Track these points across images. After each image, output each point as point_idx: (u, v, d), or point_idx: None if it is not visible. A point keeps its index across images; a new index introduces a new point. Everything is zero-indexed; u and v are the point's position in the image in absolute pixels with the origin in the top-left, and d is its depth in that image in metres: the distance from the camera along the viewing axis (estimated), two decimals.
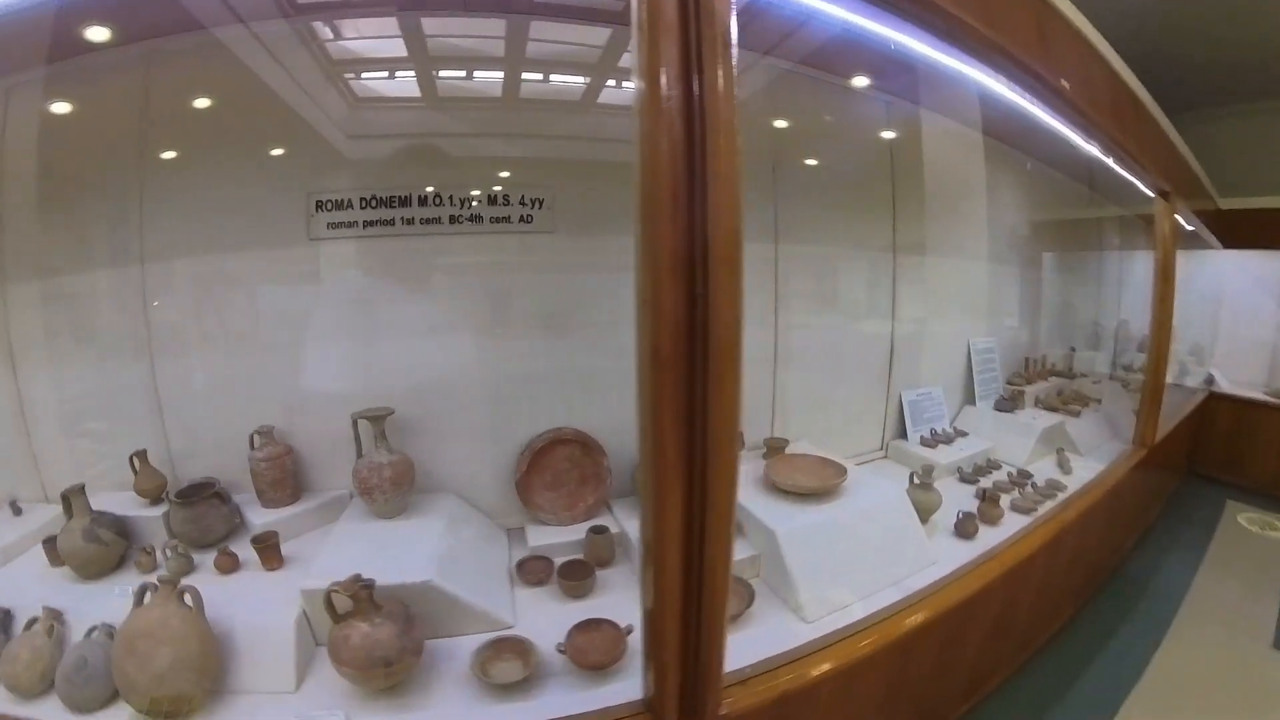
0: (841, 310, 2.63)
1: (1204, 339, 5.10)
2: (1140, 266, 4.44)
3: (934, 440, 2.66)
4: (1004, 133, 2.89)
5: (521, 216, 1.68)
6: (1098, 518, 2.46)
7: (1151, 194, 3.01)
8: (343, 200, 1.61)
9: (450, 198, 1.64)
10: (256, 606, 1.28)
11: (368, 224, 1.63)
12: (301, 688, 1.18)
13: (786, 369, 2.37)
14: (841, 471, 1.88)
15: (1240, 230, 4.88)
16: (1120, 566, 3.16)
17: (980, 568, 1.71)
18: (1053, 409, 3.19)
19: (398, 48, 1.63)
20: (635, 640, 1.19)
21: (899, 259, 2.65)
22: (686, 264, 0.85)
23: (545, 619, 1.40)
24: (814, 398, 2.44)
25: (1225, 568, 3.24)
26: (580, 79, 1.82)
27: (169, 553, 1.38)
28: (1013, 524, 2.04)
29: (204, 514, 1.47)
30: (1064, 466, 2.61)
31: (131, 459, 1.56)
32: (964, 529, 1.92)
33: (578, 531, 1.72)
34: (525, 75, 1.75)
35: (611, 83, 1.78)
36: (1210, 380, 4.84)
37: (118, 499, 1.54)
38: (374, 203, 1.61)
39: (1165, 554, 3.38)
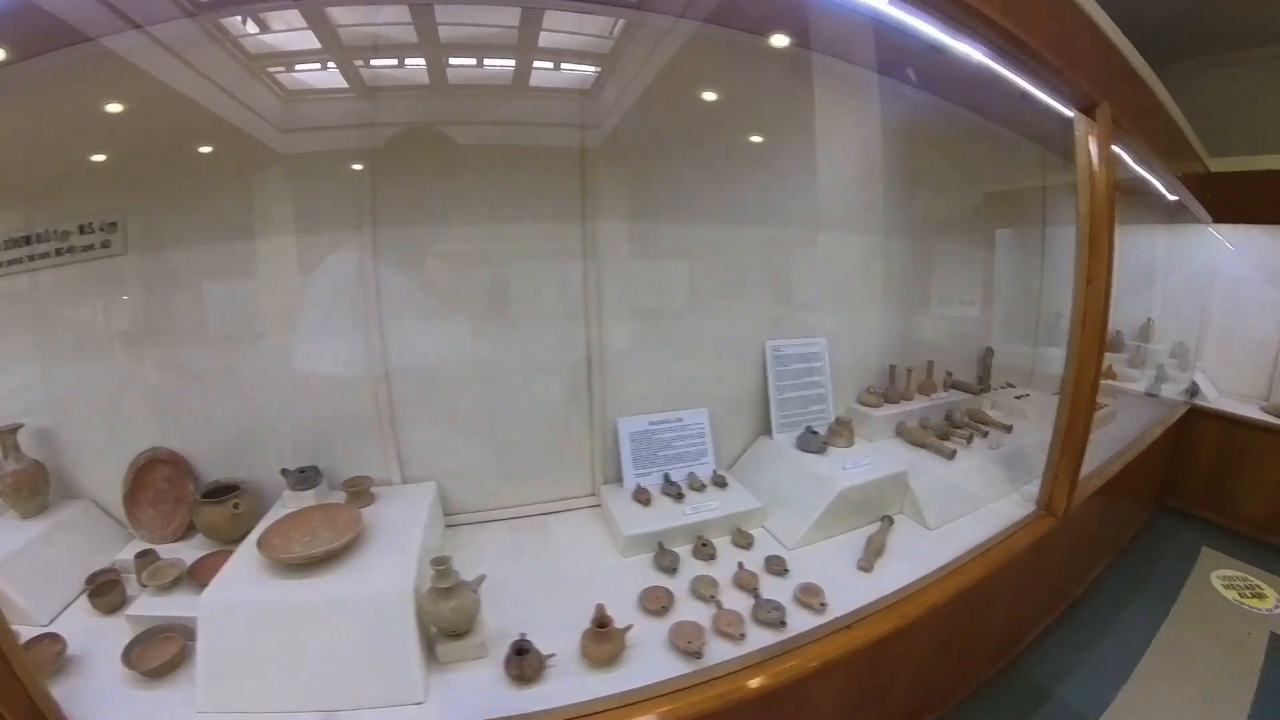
0: (492, 308, 1.83)
1: (1189, 337, 4.08)
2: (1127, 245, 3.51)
3: (649, 492, 1.80)
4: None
5: (102, 243, 1.59)
6: (915, 643, 1.53)
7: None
8: None
9: (50, 231, 1.59)
10: None
11: None
12: None
13: (409, 387, 1.74)
14: (350, 521, 1.40)
15: (1235, 199, 3.82)
16: (1014, 664, 2.20)
17: None
18: (919, 444, 2.24)
19: None
20: None
21: (598, 228, 1.79)
22: None
23: (87, 627, 1.37)
24: (460, 425, 1.82)
25: (1176, 666, 2.25)
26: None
27: None
28: (651, 668, 1.17)
29: None
30: (869, 558, 1.63)
31: None
32: (519, 669, 1.13)
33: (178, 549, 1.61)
34: None
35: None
36: (1194, 390, 3.80)
37: None
38: None
39: (1093, 637, 2.41)
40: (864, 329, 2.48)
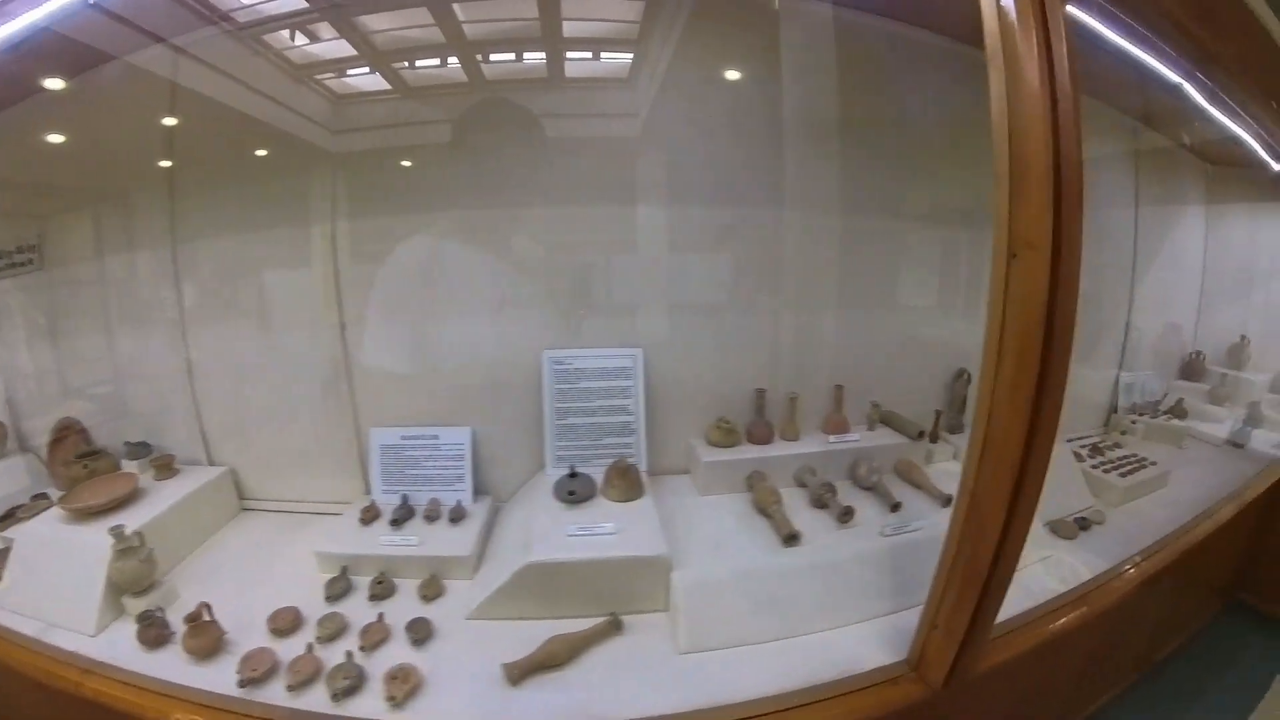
0: (254, 311, 2.01)
1: None
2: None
3: (376, 510, 1.80)
4: None
5: (28, 260, 2.04)
6: None
7: None
8: None
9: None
10: None
11: None
12: None
13: (207, 381, 2.04)
14: (126, 485, 1.80)
15: None
16: None
17: None
18: (763, 510, 1.67)
19: None
20: None
21: (341, 226, 1.80)
22: None
23: None
24: (249, 419, 2.07)
25: None
26: None
27: None
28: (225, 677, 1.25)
29: None
30: (518, 668, 1.23)
31: None
32: (143, 635, 1.41)
33: None
34: None
35: None
36: None
37: None
38: None
39: None
40: (733, 336, 1.94)
